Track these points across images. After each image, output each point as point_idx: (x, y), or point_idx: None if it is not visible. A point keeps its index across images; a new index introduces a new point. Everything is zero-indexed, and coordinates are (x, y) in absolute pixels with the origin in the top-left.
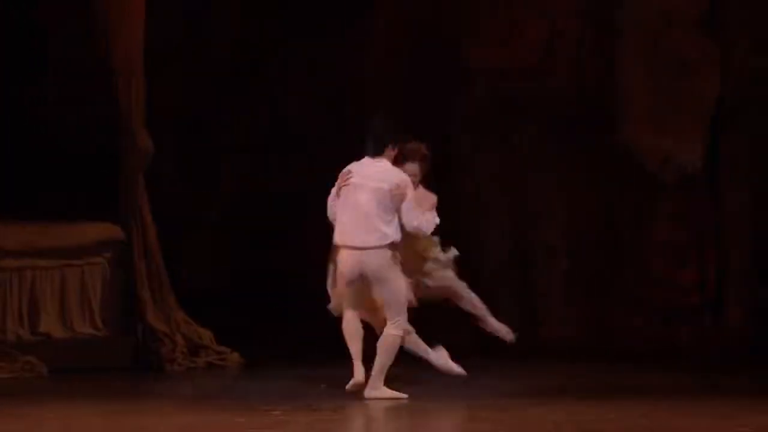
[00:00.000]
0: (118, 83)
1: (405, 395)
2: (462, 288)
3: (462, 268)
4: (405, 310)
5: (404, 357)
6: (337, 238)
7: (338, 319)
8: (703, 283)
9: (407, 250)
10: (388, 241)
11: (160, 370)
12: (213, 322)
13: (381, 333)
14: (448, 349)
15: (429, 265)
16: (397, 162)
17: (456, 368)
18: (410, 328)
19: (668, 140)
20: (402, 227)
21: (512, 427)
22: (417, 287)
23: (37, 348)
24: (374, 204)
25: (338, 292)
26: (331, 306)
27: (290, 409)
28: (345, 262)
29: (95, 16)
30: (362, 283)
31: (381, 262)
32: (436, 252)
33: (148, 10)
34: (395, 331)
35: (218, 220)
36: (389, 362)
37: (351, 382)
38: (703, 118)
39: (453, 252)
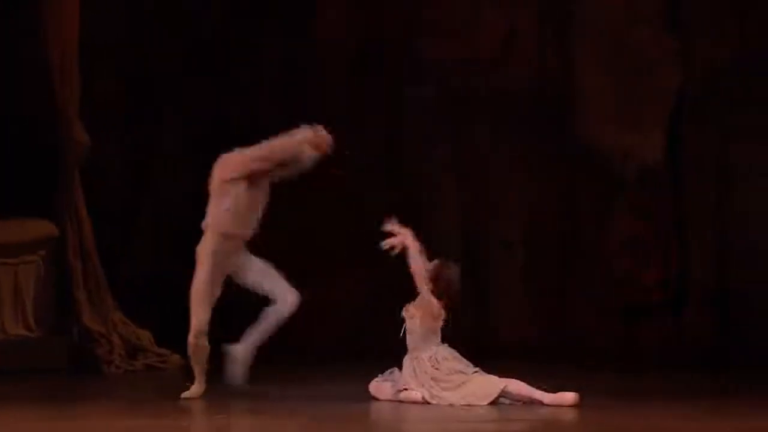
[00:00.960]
0: (53, 75)
1: None
2: None
3: None
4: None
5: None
6: None
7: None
8: (665, 281)
9: None
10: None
11: (97, 372)
12: (154, 322)
13: None
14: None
15: None
16: None
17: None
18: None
19: (628, 136)
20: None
21: None
22: None
23: None
24: None
25: None
26: None
27: (234, 413)
28: None
29: (30, 7)
30: None
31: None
32: None
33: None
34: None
35: (155, 219)
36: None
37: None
38: (663, 113)
39: None
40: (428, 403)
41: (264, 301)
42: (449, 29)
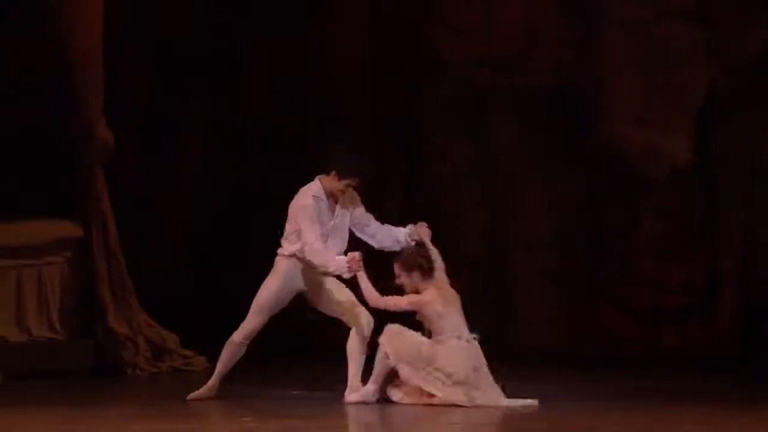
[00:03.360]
0: (76, 75)
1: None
2: None
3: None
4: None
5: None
6: None
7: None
8: (693, 283)
9: None
10: (284, 253)
11: (121, 374)
12: (178, 324)
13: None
14: None
15: None
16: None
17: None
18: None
19: (655, 134)
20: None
21: None
22: None
23: None
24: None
25: None
26: None
27: (260, 415)
28: None
29: (51, 3)
30: None
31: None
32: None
33: None
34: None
35: (182, 219)
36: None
37: None
38: (691, 111)
39: None
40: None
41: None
42: (470, 27)
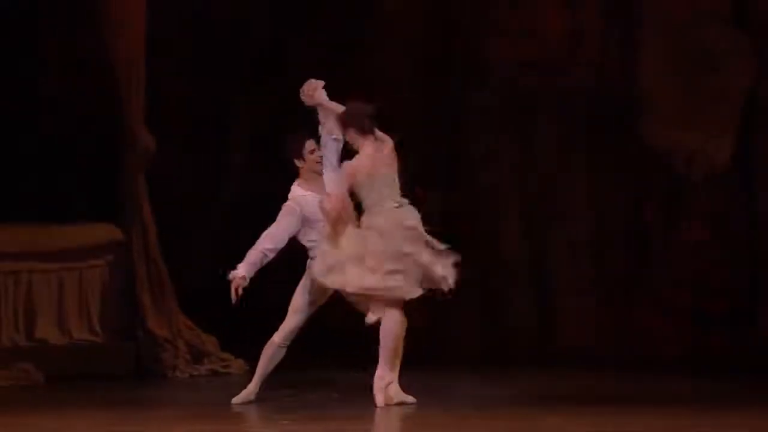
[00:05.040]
0: (118, 78)
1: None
2: None
3: (478, 267)
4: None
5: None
6: None
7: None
8: (735, 286)
9: None
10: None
11: (161, 377)
12: (216, 327)
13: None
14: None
15: None
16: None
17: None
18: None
19: (695, 137)
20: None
21: None
22: None
23: (34, 355)
24: None
25: None
26: None
27: (300, 418)
28: None
29: (95, 6)
30: None
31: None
32: None
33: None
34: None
35: (222, 221)
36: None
37: None
38: (732, 114)
39: None
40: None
41: None
42: (513, 30)
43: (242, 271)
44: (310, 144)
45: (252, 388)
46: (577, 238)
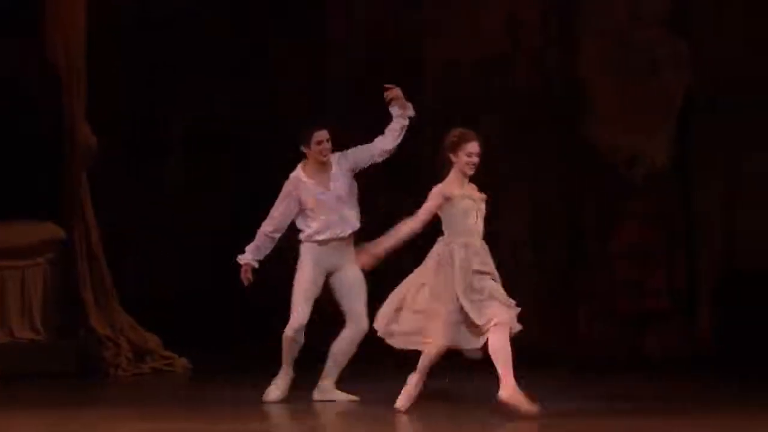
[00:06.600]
0: (59, 77)
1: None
2: None
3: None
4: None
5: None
6: None
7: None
8: (673, 286)
9: None
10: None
11: (104, 375)
12: (158, 325)
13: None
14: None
15: None
16: None
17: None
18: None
19: (635, 138)
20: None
21: None
22: None
23: None
24: None
25: None
26: None
27: (242, 417)
28: None
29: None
30: None
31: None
32: None
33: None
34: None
35: (165, 220)
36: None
37: None
38: (670, 116)
39: None
40: None
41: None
42: (451, 29)
43: (248, 255)
44: (319, 135)
45: (283, 382)
46: (518, 238)
